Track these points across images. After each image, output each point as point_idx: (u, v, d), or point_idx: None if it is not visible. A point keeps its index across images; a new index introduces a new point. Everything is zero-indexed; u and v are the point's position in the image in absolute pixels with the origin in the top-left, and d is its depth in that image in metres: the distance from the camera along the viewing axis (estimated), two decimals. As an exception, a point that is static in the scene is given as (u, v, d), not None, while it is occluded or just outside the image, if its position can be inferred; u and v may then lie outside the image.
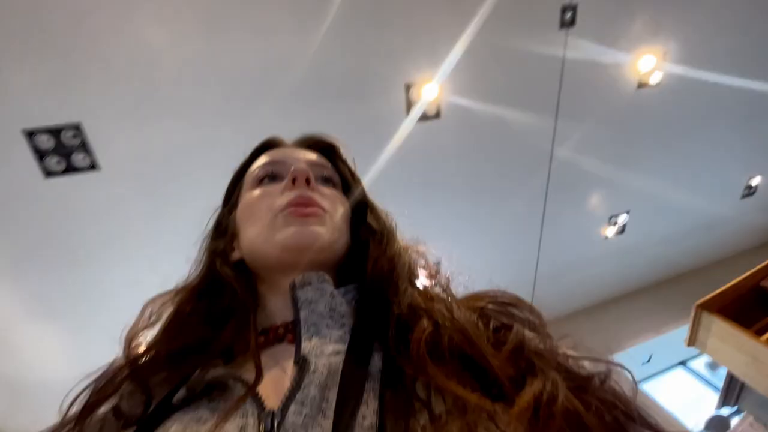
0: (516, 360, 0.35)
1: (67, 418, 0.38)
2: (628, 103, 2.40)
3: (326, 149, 0.58)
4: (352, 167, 0.58)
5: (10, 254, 1.71)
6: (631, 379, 0.37)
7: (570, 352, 0.38)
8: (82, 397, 0.39)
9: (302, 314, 0.41)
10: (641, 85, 2.37)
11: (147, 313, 0.45)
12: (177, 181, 1.76)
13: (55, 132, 1.58)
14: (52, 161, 1.62)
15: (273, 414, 0.33)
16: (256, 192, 0.50)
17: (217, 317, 0.45)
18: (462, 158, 2.23)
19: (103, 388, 0.39)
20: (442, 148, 2.16)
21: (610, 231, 2.97)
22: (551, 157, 2.38)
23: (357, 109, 1.90)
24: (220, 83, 1.68)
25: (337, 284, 0.45)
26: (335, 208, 0.49)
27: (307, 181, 0.48)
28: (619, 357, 2.89)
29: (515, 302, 0.43)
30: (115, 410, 0.39)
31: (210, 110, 1.71)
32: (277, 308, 0.45)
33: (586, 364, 0.38)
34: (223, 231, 0.53)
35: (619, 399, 0.34)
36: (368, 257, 0.47)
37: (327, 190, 0.51)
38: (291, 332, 0.42)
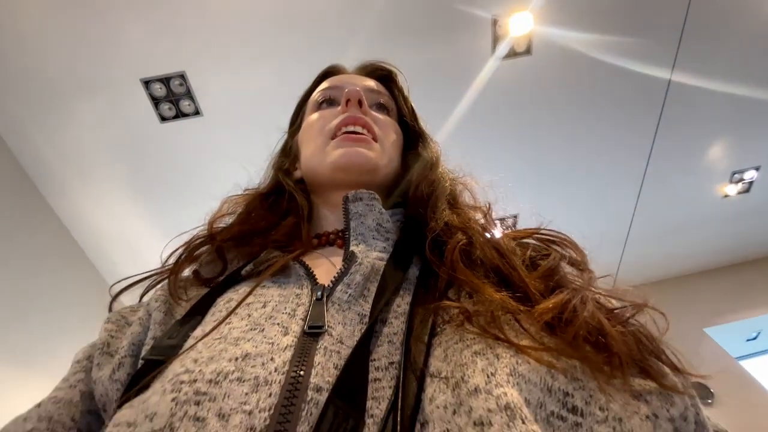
0: (546, 280, 0.37)
1: (164, 265, 0.47)
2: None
3: (385, 77, 0.60)
4: (408, 96, 0.60)
5: (134, 185, 2.04)
6: (664, 322, 0.36)
7: (606, 290, 0.39)
8: (177, 252, 0.48)
9: (352, 224, 0.46)
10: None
11: (224, 206, 0.53)
12: (263, 126, 1.90)
13: (165, 81, 1.78)
14: (165, 107, 1.85)
15: (324, 287, 0.39)
16: (314, 116, 0.54)
17: (280, 214, 0.51)
18: (555, 98, 2.04)
19: (191, 248, 0.48)
20: (533, 88, 1.99)
21: (732, 189, 2.56)
22: (667, 89, 2.04)
23: (440, 48, 1.81)
24: (305, 31, 1.72)
25: (387, 206, 0.49)
26: (386, 134, 0.52)
27: (360, 104, 0.51)
28: (717, 330, 2.61)
29: (559, 238, 0.44)
30: (195, 272, 0.47)
31: (295, 57, 1.77)
32: (328, 219, 0.51)
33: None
34: (288, 152, 0.60)
35: (643, 333, 0.34)
36: (412, 181, 0.50)
37: (381, 116, 0.54)
38: (341, 238, 0.47)
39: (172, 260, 0.47)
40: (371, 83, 0.57)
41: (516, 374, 0.28)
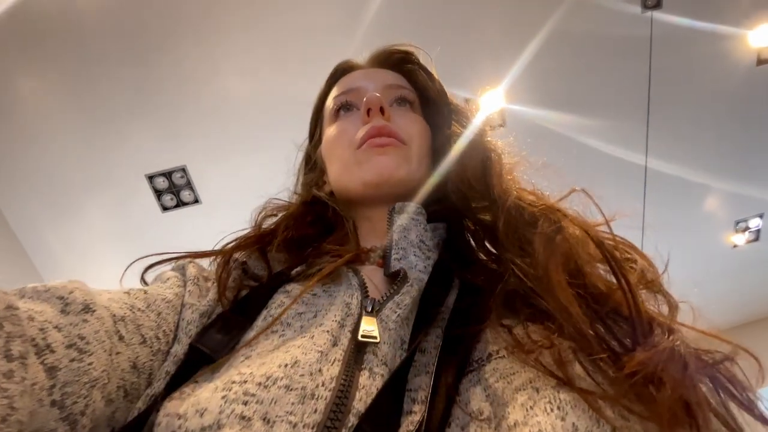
0: (624, 305, 0.31)
1: (220, 249, 0.46)
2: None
3: (402, 59, 0.55)
4: (432, 72, 0.55)
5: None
6: (757, 367, 0.32)
7: (685, 323, 0.34)
8: (229, 242, 0.46)
9: (395, 237, 0.43)
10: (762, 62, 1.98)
11: (270, 206, 0.52)
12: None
13: (168, 174, 1.93)
14: (167, 198, 1.98)
15: (375, 301, 0.37)
16: (334, 128, 0.51)
17: (325, 225, 0.50)
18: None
19: (240, 242, 0.46)
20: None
21: (739, 239, 2.50)
22: (646, 168, 2.11)
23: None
24: (294, 118, 1.88)
25: (429, 218, 0.47)
26: (412, 134, 0.49)
27: (382, 110, 0.48)
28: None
29: (626, 245, 0.38)
30: (244, 265, 0.45)
31: (285, 142, 1.91)
32: (365, 235, 0.48)
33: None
34: (314, 165, 0.57)
35: (735, 386, 0.29)
36: (454, 158, 0.46)
37: (403, 113, 0.51)
38: (381, 257, 0.44)
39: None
40: (388, 77, 0.53)
41: (556, 400, 0.26)
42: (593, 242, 0.34)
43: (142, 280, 0.45)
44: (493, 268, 0.39)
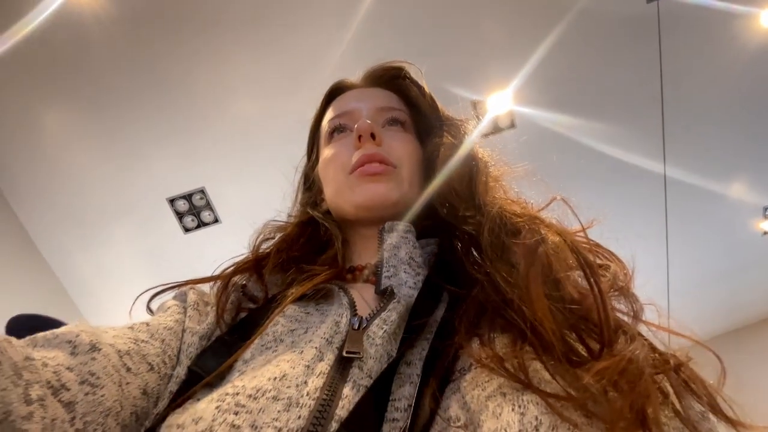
0: (598, 310, 0.32)
1: (219, 274, 0.49)
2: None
3: (394, 77, 0.57)
4: (423, 86, 0.57)
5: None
6: (719, 366, 0.34)
7: (652, 323, 0.36)
8: (228, 267, 0.49)
9: (385, 255, 0.45)
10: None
11: (266, 230, 0.54)
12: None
13: (188, 197, 1.98)
14: (188, 220, 2.04)
15: (362, 319, 0.39)
16: (329, 150, 0.53)
17: (319, 244, 0.52)
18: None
19: (238, 266, 0.49)
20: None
21: (769, 225, 2.41)
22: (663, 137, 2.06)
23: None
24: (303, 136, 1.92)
25: (420, 235, 0.49)
26: (403, 156, 0.51)
27: (373, 135, 0.50)
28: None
29: (600, 250, 0.41)
30: (243, 287, 0.48)
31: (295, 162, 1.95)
32: (361, 252, 0.51)
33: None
34: (311, 185, 0.60)
35: (696, 384, 0.31)
36: (440, 169, 0.49)
37: (394, 134, 0.52)
38: (373, 274, 0.47)
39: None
40: (380, 98, 0.55)
41: (520, 401, 0.29)
42: (570, 250, 0.36)
43: (148, 309, 0.48)
44: (477, 278, 0.40)
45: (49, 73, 1.66)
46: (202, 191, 1.98)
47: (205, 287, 0.49)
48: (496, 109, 1.90)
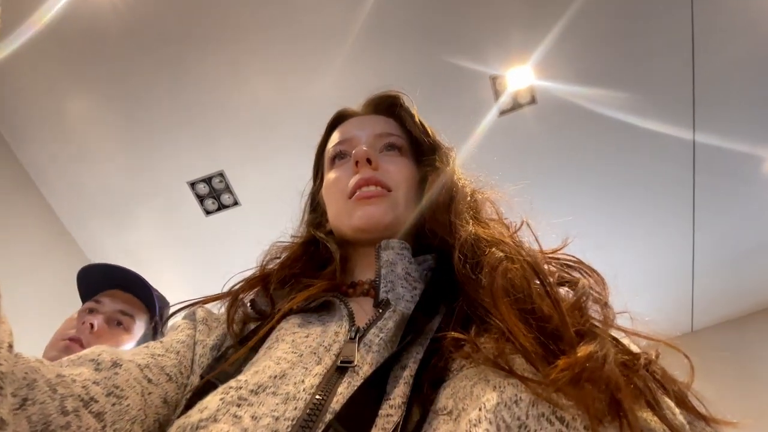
0: (572, 319, 0.35)
1: (228, 291, 0.53)
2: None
3: (391, 105, 0.62)
4: (415, 114, 0.61)
5: (192, 275, 2.23)
6: (687, 363, 0.37)
7: (624, 327, 0.39)
8: (238, 283, 0.54)
9: (383, 272, 0.49)
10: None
11: (273, 250, 0.58)
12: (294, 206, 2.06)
13: (208, 180, 2.01)
14: (209, 202, 2.07)
15: (358, 329, 0.42)
16: (331, 174, 0.58)
17: (320, 262, 0.56)
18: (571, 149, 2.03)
19: (246, 284, 0.54)
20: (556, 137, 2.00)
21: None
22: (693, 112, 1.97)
23: (445, 107, 1.91)
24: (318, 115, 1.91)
25: (417, 251, 0.52)
26: (399, 180, 0.54)
27: (369, 161, 0.53)
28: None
29: (579, 264, 0.45)
30: (252, 302, 0.53)
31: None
32: (361, 269, 0.54)
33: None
34: (317, 206, 0.64)
35: (665, 381, 0.34)
36: (430, 194, 0.53)
37: (390, 158, 0.56)
38: (373, 288, 0.50)
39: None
40: (378, 125, 0.60)
41: (501, 383, 0.31)
42: (533, 271, 0.39)
43: (161, 332, 0.52)
44: (462, 291, 0.44)
45: (70, 63, 1.69)
46: (221, 174, 2.00)
47: (214, 307, 0.54)
48: (516, 84, 1.84)
